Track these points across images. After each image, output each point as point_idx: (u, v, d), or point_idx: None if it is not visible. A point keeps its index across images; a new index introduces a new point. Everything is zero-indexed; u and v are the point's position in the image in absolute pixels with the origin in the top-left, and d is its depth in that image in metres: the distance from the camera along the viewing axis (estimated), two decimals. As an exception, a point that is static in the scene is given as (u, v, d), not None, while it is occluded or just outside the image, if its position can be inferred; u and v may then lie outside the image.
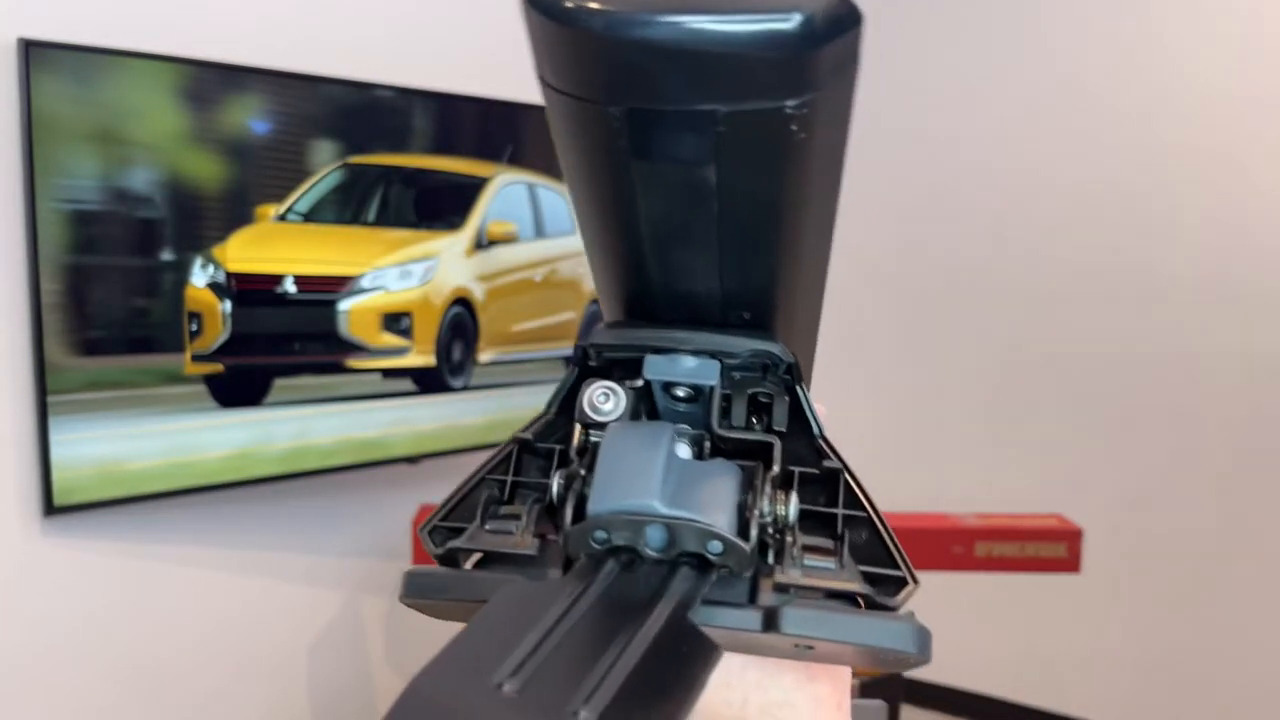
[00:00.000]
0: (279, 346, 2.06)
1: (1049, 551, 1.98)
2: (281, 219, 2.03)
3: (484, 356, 2.34)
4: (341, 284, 2.10)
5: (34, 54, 1.69)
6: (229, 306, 1.96)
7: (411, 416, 2.24)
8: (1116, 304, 2.80)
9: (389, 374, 2.19)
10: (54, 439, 1.78)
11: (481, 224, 2.30)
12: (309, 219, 2.08)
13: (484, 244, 2.31)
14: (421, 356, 2.22)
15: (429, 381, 2.25)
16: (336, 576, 2.33)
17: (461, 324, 2.29)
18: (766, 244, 0.35)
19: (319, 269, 2.08)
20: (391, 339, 2.17)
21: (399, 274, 2.17)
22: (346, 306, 2.11)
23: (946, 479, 3.04)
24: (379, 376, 2.18)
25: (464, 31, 2.32)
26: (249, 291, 1.98)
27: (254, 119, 1.97)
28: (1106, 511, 2.74)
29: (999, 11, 2.94)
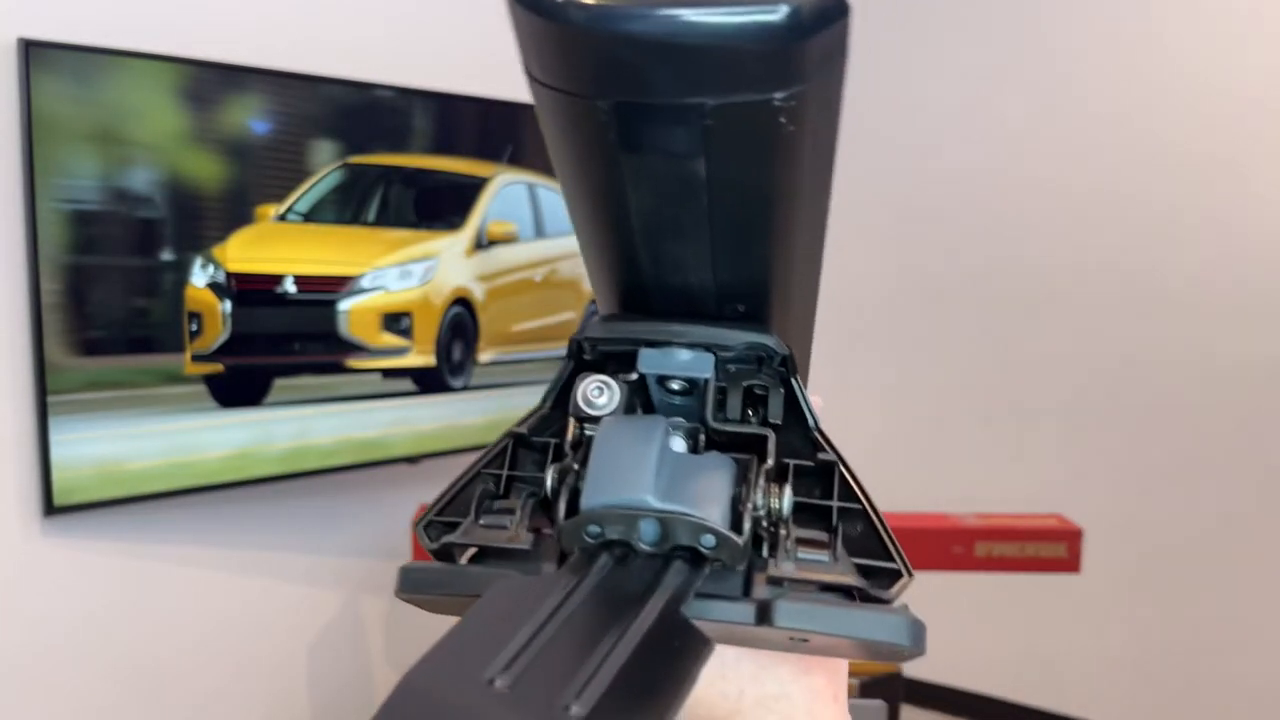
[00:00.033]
0: (279, 346, 2.06)
1: (1049, 551, 1.98)
2: (281, 219, 2.03)
3: (484, 356, 2.34)
4: (341, 284, 2.10)
5: (34, 54, 1.69)
6: (229, 306, 1.96)
7: (411, 416, 2.24)
8: (1117, 304, 2.80)
9: (389, 374, 2.19)
10: (54, 439, 1.78)
11: (481, 224, 2.30)
12: (309, 219, 2.08)
13: (484, 244, 2.31)
14: (421, 356, 2.22)
15: (429, 381, 2.25)
16: (336, 576, 2.33)
17: (461, 324, 2.29)
18: (759, 236, 0.34)
19: (319, 269, 2.08)
20: (391, 339, 2.17)
21: (399, 274, 2.17)
22: (346, 306, 2.11)
23: (946, 479, 3.04)
24: (379, 376, 2.18)
25: (464, 31, 2.32)
26: (249, 291, 1.98)
27: (254, 119, 1.97)
28: (1106, 511, 2.74)
29: (1002, 9, 2.94)
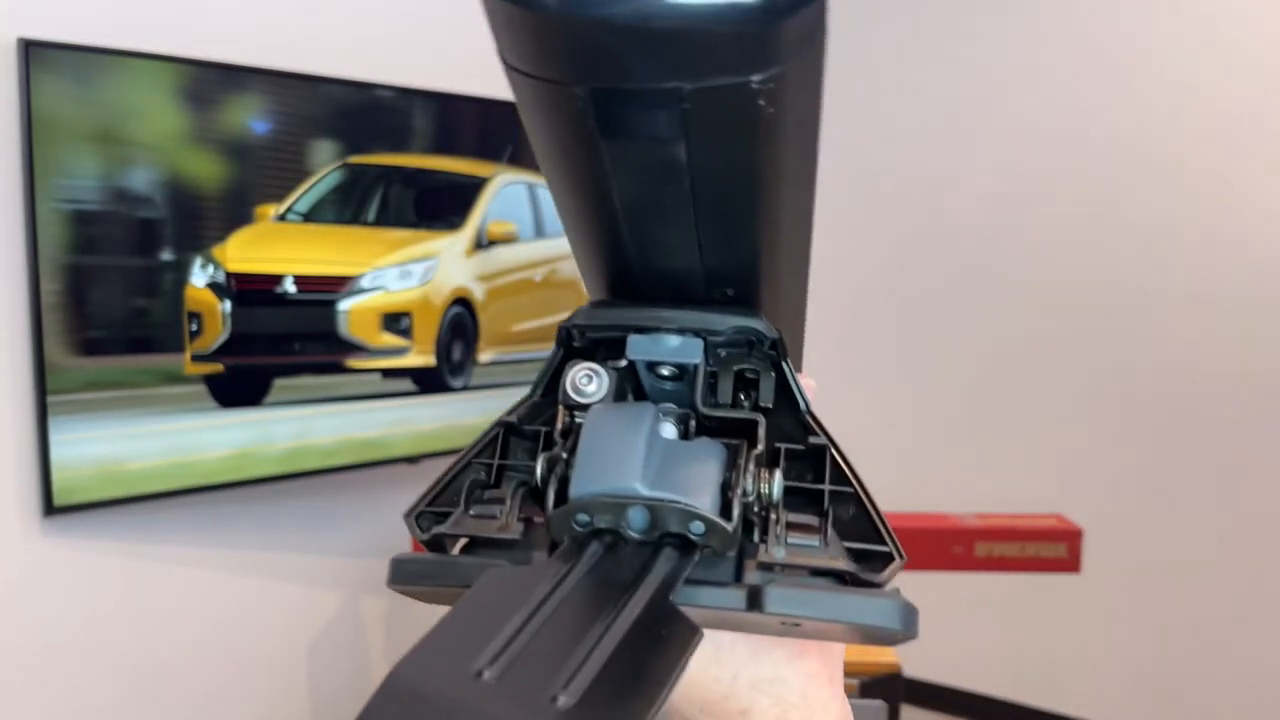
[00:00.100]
0: (279, 346, 2.06)
1: (1049, 551, 1.98)
2: (281, 219, 2.03)
3: (484, 356, 2.34)
4: (341, 284, 2.10)
5: (34, 54, 1.69)
6: (229, 306, 1.96)
7: (411, 416, 2.24)
8: (1117, 304, 2.80)
9: (389, 374, 2.19)
10: (54, 439, 1.78)
11: (481, 224, 2.30)
12: (309, 219, 2.08)
13: (484, 244, 2.31)
14: (421, 356, 2.22)
15: (429, 381, 2.25)
16: (336, 576, 2.33)
17: (461, 324, 2.29)
18: (744, 219, 0.34)
19: (319, 269, 2.08)
20: (391, 339, 2.17)
21: (399, 274, 2.17)
22: (346, 306, 2.11)
23: (946, 479, 3.04)
24: (379, 376, 2.18)
25: (464, 31, 2.30)
26: (249, 291, 1.98)
27: (254, 119, 1.97)
28: (1106, 511, 2.74)
29: (1004, 7, 2.94)
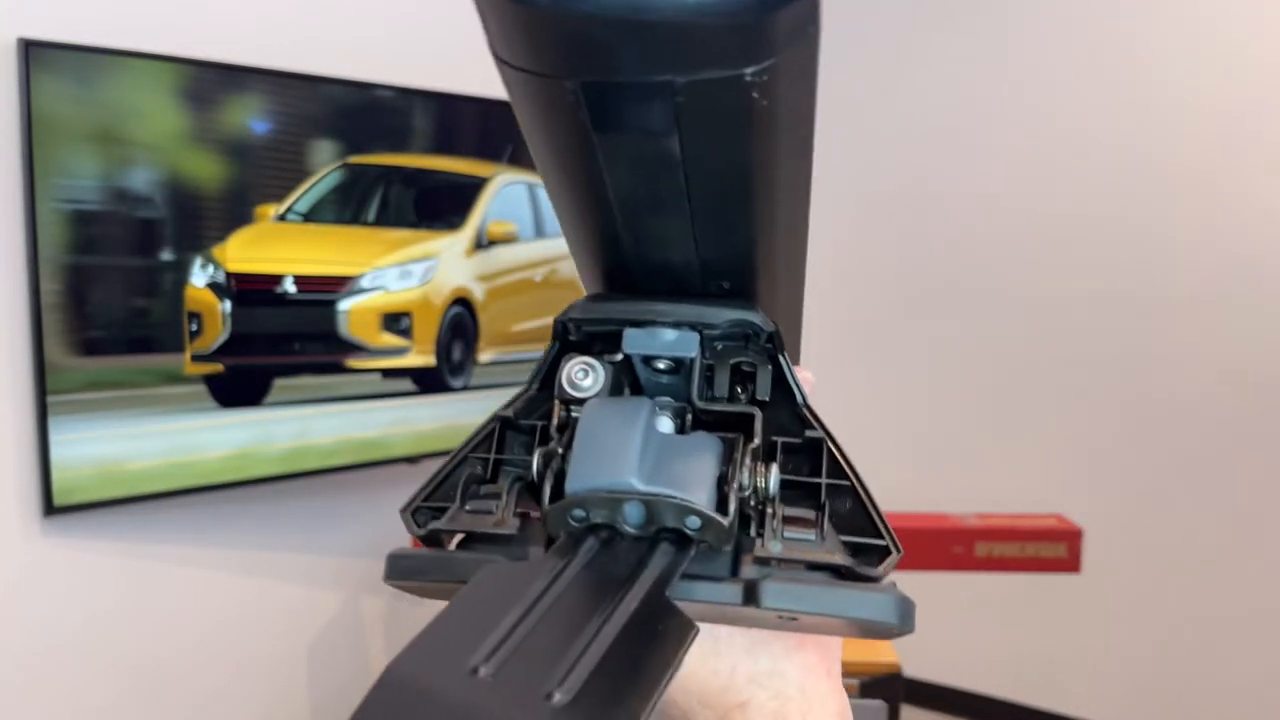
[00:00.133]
0: (279, 346, 2.06)
1: (1049, 551, 1.97)
2: (281, 219, 2.03)
3: (484, 356, 2.34)
4: (341, 284, 2.10)
5: (34, 54, 1.69)
6: (229, 306, 1.96)
7: (411, 416, 2.24)
8: (1117, 304, 2.80)
9: (389, 374, 2.19)
10: (54, 439, 1.78)
11: (481, 224, 2.30)
12: (309, 219, 2.08)
13: (484, 244, 2.31)
14: (421, 356, 2.22)
15: (429, 381, 2.25)
16: (336, 576, 2.33)
17: (461, 324, 2.29)
18: (739, 212, 0.34)
19: (319, 269, 2.08)
20: (391, 339, 2.17)
21: (399, 274, 2.17)
22: (346, 306, 2.11)
23: (946, 479, 3.04)
24: (379, 376, 2.18)
25: (464, 31, 2.30)
26: (249, 291, 1.98)
27: (254, 119, 1.97)
28: (1106, 511, 2.74)
29: (1006, 9, 2.94)
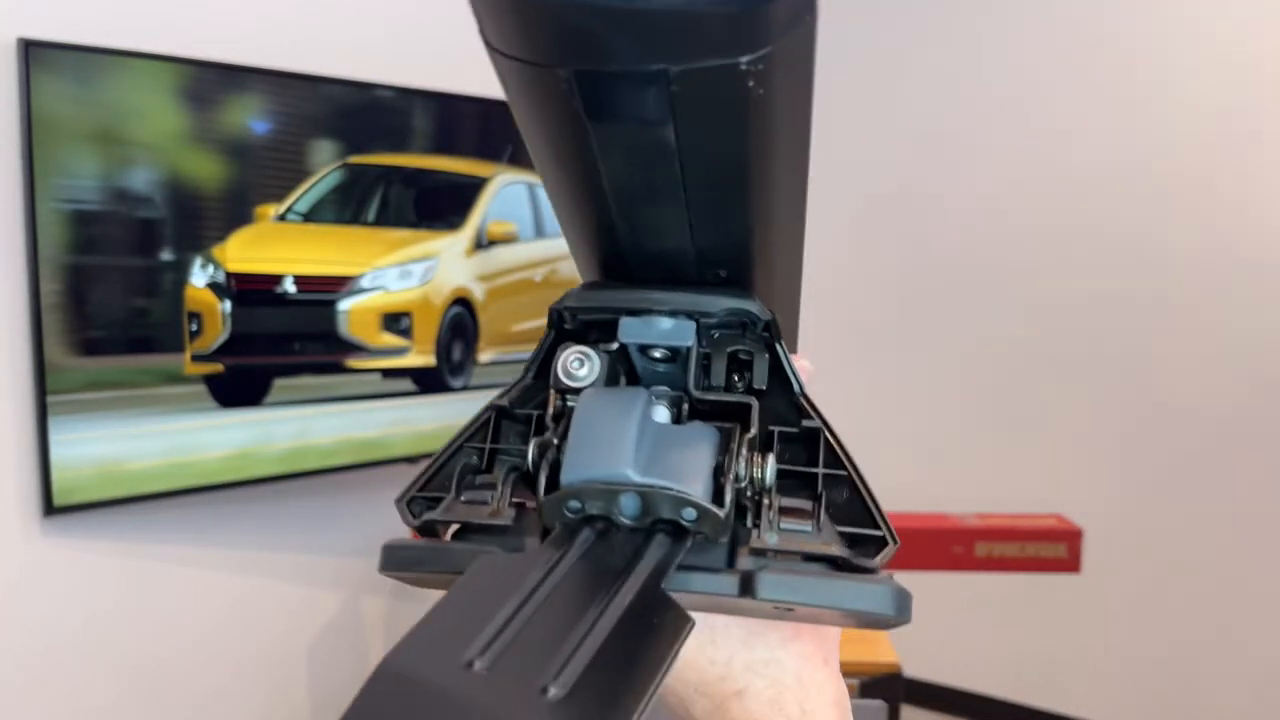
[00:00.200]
0: (279, 346, 2.06)
1: (1049, 551, 1.97)
2: (281, 219, 2.03)
3: (484, 356, 2.34)
4: (341, 284, 2.10)
5: (34, 54, 1.69)
6: (229, 306, 1.96)
7: (411, 416, 2.24)
8: (1117, 304, 2.80)
9: (389, 374, 2.19)
10: (54, 439, 1.78)
11: (481, 224, 2.30)
12: (309, 219, 2.08)
13: (484, 244, 2.31)
14: (421, 356, 2.22)
15: (429, 381, 2.25)
16: (336, 576, 2.32)
17: (461, 324, 2.29)
18: (735, 201, 0.33)
19: (319, 269, 2.08)
20: (391, 339, 2.17)
21: (399, 274, 2.17)
22: (346, 306, 2.11)
23: (946, 479, 3.04)
24: (379, 376, 2.18)
25: (464, 31, 2.29)
26: (249, 291, 1.98)
27: (254, 119, 1.97)
28: (1106, 511, 2.74)
29: (1006, 13, 2.94)
